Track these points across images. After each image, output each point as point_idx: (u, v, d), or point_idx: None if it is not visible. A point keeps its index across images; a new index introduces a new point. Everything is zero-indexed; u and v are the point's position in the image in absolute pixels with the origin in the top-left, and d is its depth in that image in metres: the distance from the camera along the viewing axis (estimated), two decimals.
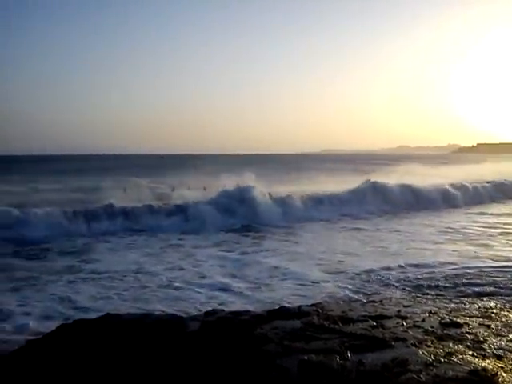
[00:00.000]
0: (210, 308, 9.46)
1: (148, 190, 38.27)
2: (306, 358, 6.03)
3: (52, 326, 8.27)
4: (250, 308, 9.93)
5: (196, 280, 13.42)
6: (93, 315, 8.86)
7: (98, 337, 7.18)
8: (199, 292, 12.22)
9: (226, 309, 9.26)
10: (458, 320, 8.06)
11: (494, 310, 8.92)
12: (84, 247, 18.42)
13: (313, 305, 8.98)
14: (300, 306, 8.71)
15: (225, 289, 12.50)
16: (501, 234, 20.47)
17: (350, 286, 12.50)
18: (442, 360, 6.26)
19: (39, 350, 6.96)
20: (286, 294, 11.88)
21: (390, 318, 8.20)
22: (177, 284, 12.93)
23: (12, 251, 17.38)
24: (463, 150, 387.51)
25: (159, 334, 7.18)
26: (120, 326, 7.57)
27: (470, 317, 8.38)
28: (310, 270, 14.46)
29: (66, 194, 36.55)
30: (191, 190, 38.08)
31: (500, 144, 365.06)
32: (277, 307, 8.92)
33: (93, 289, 12.64)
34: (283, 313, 8.12)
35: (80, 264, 15.57)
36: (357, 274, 13.69)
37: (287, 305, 9.63)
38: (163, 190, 40.31)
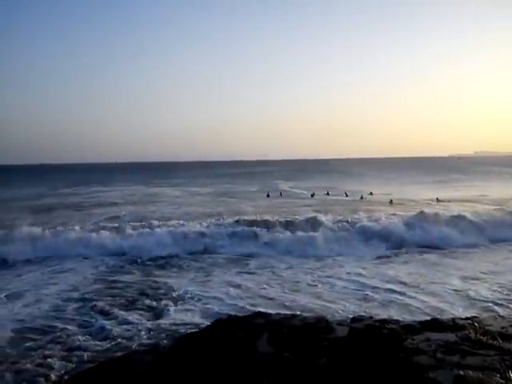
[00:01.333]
0: None
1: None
2: (461, 373, 5.74)
3: None
4: None
5: None
6: None
7: (247, 333, 7.56)
8: None
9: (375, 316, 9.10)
10: None
11: None
12: None
13: (468, 318, 8.47)
14: (454, 319, 8.27)
15: None
16: None
17: None
18: None
19: (198, 342, 7.50)
20: None
21: None
22: None
23: None
24: None
25: (306, 334, 7.34)
26: (268, 325, 7.89)
27: None
28: None
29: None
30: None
31: None
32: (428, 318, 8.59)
33: None
34: (436, 324, 7.79)
35: None
36: None
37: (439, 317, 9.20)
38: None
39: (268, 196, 44.35)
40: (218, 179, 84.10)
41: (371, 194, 42.80)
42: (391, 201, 36.03)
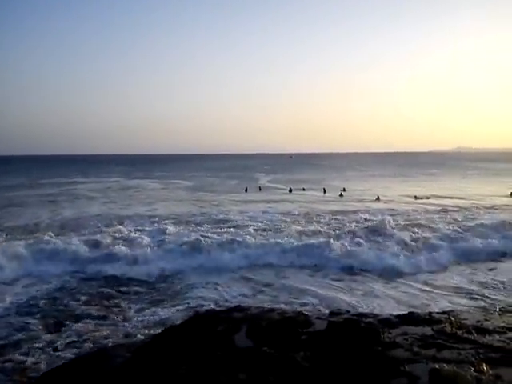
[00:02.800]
0: None
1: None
2: (437, 366, 5.80)
3: None
4: None
5: None
6: None
7: (226, 326, 7.54)
8: None
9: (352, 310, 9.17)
10: None
11: None
12: None
13: (444, 312, 8.57)
14: (431, 313, 8.37)
15: None
16: None
17: None
18: None
19: (176, 336, 7.46)
20: None
21: None
22: None
23: None
24: None
25: (284, 328, 7.34)
26: (246, 318, 7.87)
27: None
28: None
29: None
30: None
31: None
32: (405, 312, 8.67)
33: None
34: (412, 318, 7.87)
35: None
36: None
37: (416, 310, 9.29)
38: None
39: (246, 191, 44.11)
40: (202, 172, 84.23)
41: (344, 190, 42.37)
42: (378, 197, 36.14)
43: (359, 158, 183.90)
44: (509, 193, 38.13)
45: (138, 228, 23.01)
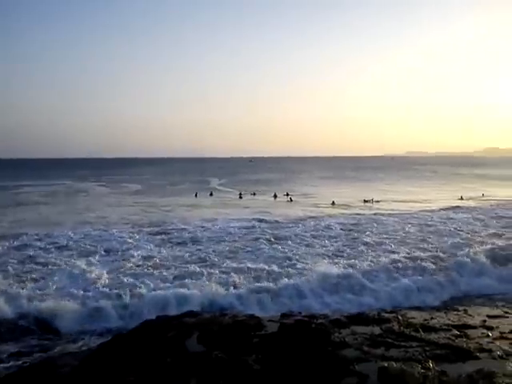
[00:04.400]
0: None
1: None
2: (385, 365, 5.90)
3: None
4: None
5: None
6: None
7: (178, 334, 7.43)
8: None
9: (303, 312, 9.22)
10: None
11: None
12: None
13: (392, 311, 8.76)
14: (379, 312, 8.53)
15: None
16: None
17: None
18: None
19: (125, 344, 7.29)
20: None
21: (474, 327, 7.86)
22: None
23: None
24: None
25: (236, 332, 7.30)
26: (198, 323, 7.79)
27: None
28: None
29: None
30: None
31: None
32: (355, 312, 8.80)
33: None
34: (362, 318, 7.99)
35: None
36: None
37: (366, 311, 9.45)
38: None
39: (196, 196, 42.92)
40: (159, 175, 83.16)
41: (287, 194, 41.96)
42: (333, 202, 36.27)
43: (316, 162, 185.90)
44: (459, 196, 39.46)
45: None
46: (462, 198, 39.06)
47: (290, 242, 19.38)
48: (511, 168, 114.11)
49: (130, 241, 19.98)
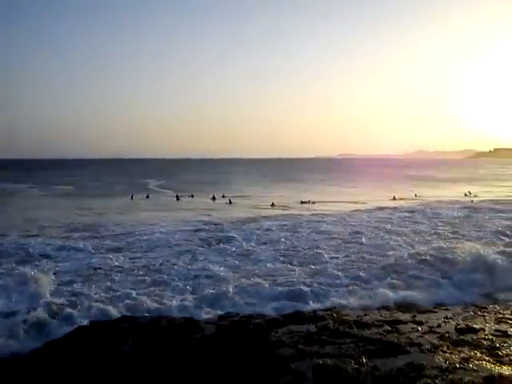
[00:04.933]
0: None
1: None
2: (320, 362, 6.04)
3: None
4: None
5: None
6: None
7: (113, 339, 7.25)
8: None
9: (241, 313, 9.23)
10: (474, 326, 8.02)
11: (510, 317, 8.83)
12: None
13: (328, 309, 8.96)
14: (315, 310, 8.70)
15: None
16: None
17: None
18: (458, 366, 6.24)
19: (58, 351, 7.04)
20: None
21: (405, 323, 8.19)
22: None
23: None
24: (480, 155, 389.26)
25: (173, 336, 7.23)
26: (134, 328, 7.63)
27: (485, 323, 8.33)
28: None
29: None
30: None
31: None
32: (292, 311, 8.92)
33: None
34: (298, 317, 8.13)
35: None
36: None
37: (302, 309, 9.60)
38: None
39: (132, 199, 41.09)
40: (96, 176, 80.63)
41: (224, 196, 41.12)
42: (273, 204, 36.06)
43: (250, 164, 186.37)
44: (392, 196, 40.57)
45: None
46: (394, 198, 40.20)
47: (230, 247, 18.25)
48: (439, 169, 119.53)
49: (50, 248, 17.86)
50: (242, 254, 16.64)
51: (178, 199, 41.39)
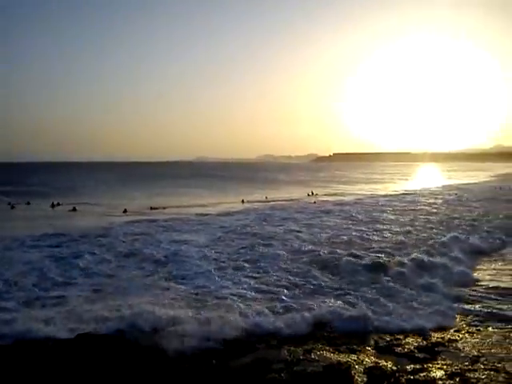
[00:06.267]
0: None
1: None
2: None
3: None
4: None
5: None
6: None
7: None
8: None
9: None
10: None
11: None
12: None
13: None
14: None
15: None
16: None
17: None
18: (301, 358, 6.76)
19: None
20: None
21: None
22: None
23: None
24: (321, 160, 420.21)
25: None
26: None
27: None
28: None
29: None
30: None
31: (353, 153, 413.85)
32: None
33: None
34: None
35: None
36: None
37: None
38: None
39: None
40: None
41: (59, 204, 37.54)
42: (125, 210, 33.87)
43: (116, 167, 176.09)
44: (240, 200, 40.92)
45: None
46: (243, 202, 40.63)
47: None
48: (287, 173, 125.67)
49: None
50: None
51: (12, 207, 36.02)
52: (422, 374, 6.35)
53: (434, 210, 29.61)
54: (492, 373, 6.38)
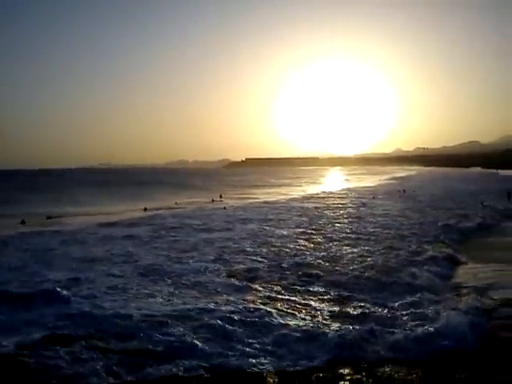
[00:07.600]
0: None
1: None
2: None
3: None
4: None
5: None
6: None
7: None
8: None
9: None
10: None
11: None
12: None
13: None
14: None
15: None
16: None
17: None
18: None
19: None
20: None
21: None
22: None
23: None
24: (234, 165, 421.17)
25: None
26: None
27: None
28: None
29: None
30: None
31: (265, 159, 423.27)
32: None
33: None
34: None
35: None
36: None
37: None
38: None
39: None
40: None
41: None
42: (23, 221, 31.58)
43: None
44: (143, 208, 39.33)
45: None
46: (145, 210, 39.21)
47: None
48: (200, 178, 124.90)
49: None
50: None
51: None
52: None
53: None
54: None
